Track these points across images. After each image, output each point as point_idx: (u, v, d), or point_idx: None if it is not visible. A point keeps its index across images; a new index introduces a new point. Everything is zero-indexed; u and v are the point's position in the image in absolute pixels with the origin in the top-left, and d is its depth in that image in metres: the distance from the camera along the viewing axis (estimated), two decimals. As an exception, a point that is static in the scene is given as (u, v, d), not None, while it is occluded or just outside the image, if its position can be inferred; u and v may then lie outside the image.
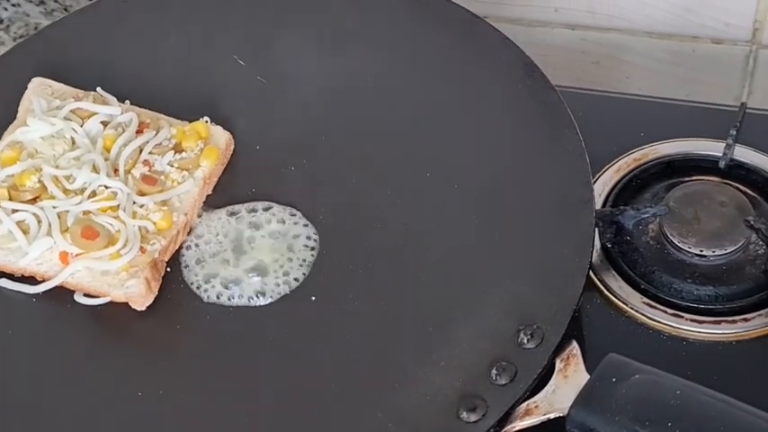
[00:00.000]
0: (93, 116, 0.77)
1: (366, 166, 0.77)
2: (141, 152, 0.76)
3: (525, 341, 0.67)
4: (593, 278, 0.78)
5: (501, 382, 0.65)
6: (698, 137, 0.86)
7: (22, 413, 0.68)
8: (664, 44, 1.02)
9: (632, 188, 0.84)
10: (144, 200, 0.74)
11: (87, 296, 0.72)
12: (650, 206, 0.81)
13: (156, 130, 0.77)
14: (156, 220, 0.73)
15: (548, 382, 0.66)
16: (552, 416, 0.64)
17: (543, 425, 0.65)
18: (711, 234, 0.79)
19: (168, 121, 0.78)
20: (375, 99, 0.81)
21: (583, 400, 0.64)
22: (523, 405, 0.65)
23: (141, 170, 0.75)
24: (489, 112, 0.79)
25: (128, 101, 0.80)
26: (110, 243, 0.71)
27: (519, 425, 0.65)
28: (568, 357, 0.66)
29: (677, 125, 0.87)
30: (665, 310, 0.77)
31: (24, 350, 0.71)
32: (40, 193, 0.74)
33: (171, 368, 0.70)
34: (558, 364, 0.66)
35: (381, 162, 0.77)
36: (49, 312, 0.72)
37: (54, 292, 0.72)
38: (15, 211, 0.73)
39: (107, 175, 0.74)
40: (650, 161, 0.85)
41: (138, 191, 0.74)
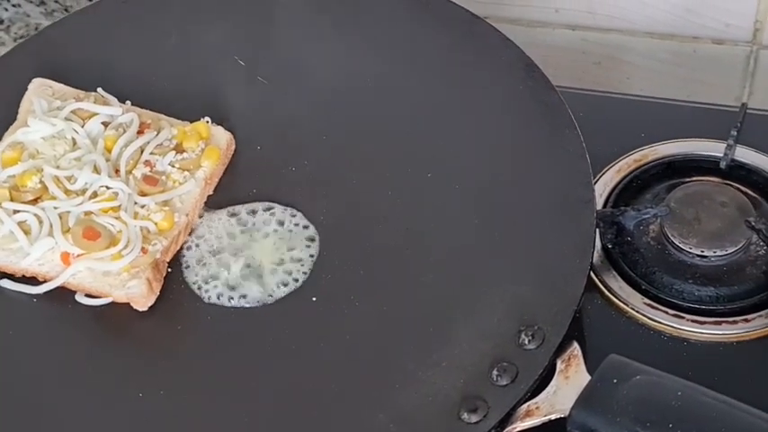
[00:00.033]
0: (94, 117, 0.77)
1: (367, 166, 0.77)
2: (142, 153, 0.76)
3: (526, 342, 0.67)
4: (593, 279, 0.78)
5: (502, 382, 0.65)
6: (699, 137, 0.86)
7: (22, 413, 0.68)
8: (665, 45, 1.02)
9: (633, 189, 0.84)
10: (145, 200, 0.74)
11: (89, 296, 0.72)
12: (651, 207, 0.80)
13: (157, 130, 0.77)
14: (158, 220, 0.73)
15: (549, 382, 0.66)
16: (553, 417, 0.64)
17: (544, 426, 0.65)
18: (712, 235, 0.79)
19: (169, 122, 0.78)
20: (376, 99, 0.81)
21: (584, 400, 0.64)
22: (524, 406, 0.65)
23: (142, 170, 0.75)
24: (490, 112, 0.79)
25: (128, 101, 0.80)
26: (111, 244, 0.71)
27: (520, 426, 0.65)
28: (569, 358, 0.66)
29: (678, 126, 0.87)
30: (665, 311, 0.77)
31: (25, 350, 0.71)
32: (42, 193, 0.74)
33: (171, 368, 0.70)
34: (559, 365, 0.66)
35: (382, 162, 0.77)
36: (49, 313, 0.72)
37: (54, 293, 0.72)
38: (17, 211, 0.73)
39: (108, 176, 0.74)
40: (651, 162, 0.85)
41: (140, 191, 0.74)
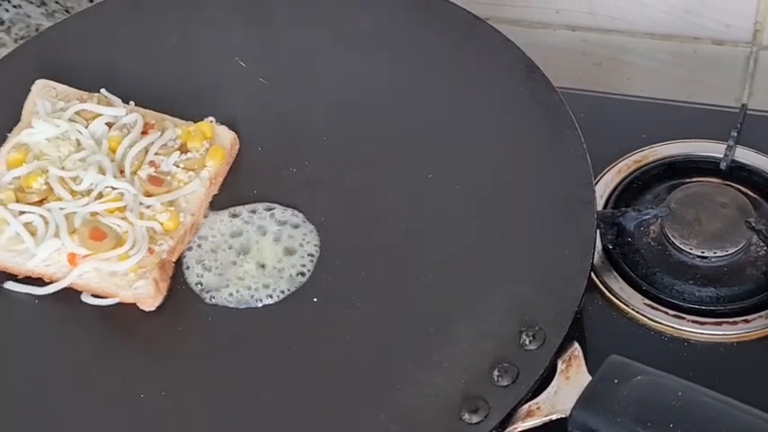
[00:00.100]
0: (98, 117, 0.77)
1: (367, 167, 0.78)
2: (147, 153, 0.76)
3: (527, 342, 0.67)
4: (594, 279, 0.78)
5: (503, 383, 0.65)
6: (699, 138, 0.86)
7: (24, 413, 0.68)
8: (665, 45, 1.02)
9: (633, 189, 0.84)
10: (151, 201, 0.74)
11: (95, 297, 0.72)
12: (651, 207, 0.81)
13: (162, 130, 0.77)
14: (164, 220, 0.73)
15: (550, 383, 0.66)
16: (554, 417, 0.65)
17: (545, 426, 0.65)
18: (713, 235, 0.79)
19: (173, 122, 0.78)
20: (377, 100, 0.81)
21: (585, 401, 0.64)
22: (525, 406, 0.65)
23: (147, 171, 0.75)
24: (491, 113, 0.79)
25: (132, 102, 0.80)
26: (117, 244, 0.71)
27: (521, 426, 0.65)
28: (570, 359, 0.66)
29: (678, 126, 0.87)
30: (666, 312, 0.77)
31: (27, 351, 0.71)
32: (47, 194, 0.74)
33: (173, 369, 0.70)
34: (560, 366, 0.66)
35: (383, 163, 0.78)
36: (50, 314, 0.72)
37: (56, 294, 0.72)
38: (22, 212, 0.73)
39: (113, 177, 0.74)
40: (651, 162, 0.85)
41: (145, 192, 0.74)
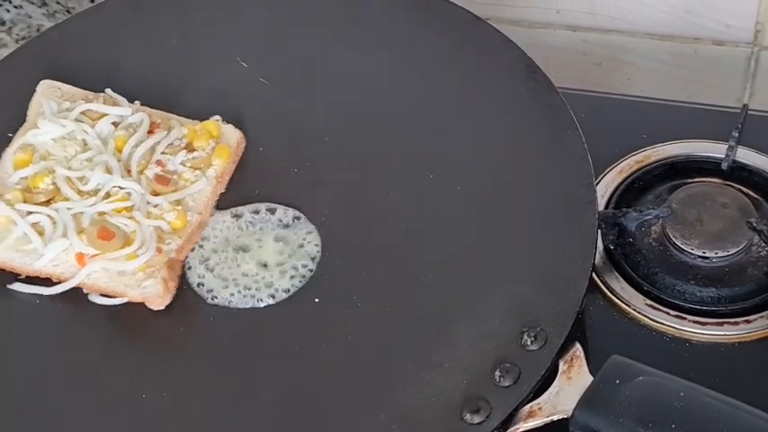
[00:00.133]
0: (104, 117, 0.78)
1: (368, 167, 0.78)
2: (153, 152, 0.76)
3: (529, 343, 0.67)
4: (595, 280, 0.78)
5: (504, 383, 0.65)
6: (700, 138, 0.86)
7: (26, 412, 0.68)
8: (665, 46, 1.02)
9: (635, 190, 0.84)
10: (158, 200, 0.74)
11: (103, 296, 0.72)
12: (653, 208, 0.81)
13: (167, 129, 0.78)
14: (171, 219, 0.73)
15: (551, 383, 0.66)
16: (556, 417, 0.65)
17: (547, 426, 0.65)
18: (714, 236, 0.79)
19: (179, 121, 0.79)
20: (378, 100, 0.81)
21: (586, 401, 0.64)
22: (527, 407, 0.65)
23: (154, 170, 0.75)
24: (491, 113, 0.79)
25: (137, 101, 0.80)
26: (125, 244, 0.71)
27: (523, 426, 0.65)
28: (572, 359, 0.66)
29: (679, 127, 0.87)
30: (667, 312, 0.77)
31: (30, 350, 0.71)
32: (54, 195, 0.74)
33: (174, 369, 0.70)
34: (562, 366, 0.66)
35: (384, 163, 0.78)
36: (52, 314, 0.72)
37: (60, 294, 0.72)
38: (30, 213, 0.73)
39: (120, 176, 0.74)
40: (653, 163, 0.85)
41: (152, 191, 0.74)
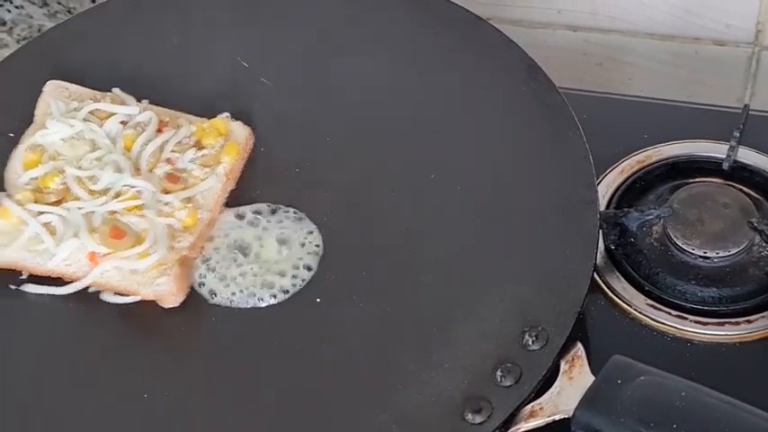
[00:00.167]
0: (112, 116, 0.78)
1: (369, 167, 0.78)
2: (162, 151, 0.76)
3: (530, 343, 0.67)
4: (597, 280, 0.78)
5: (506, 383, 0.65)
6: (701, 139, 0.86)
7: (26, 412, 0.68)
8: (666, 46, 1.02)
9: (636, 190, 0.84)
10: (168, 198, 0.74)
11: (117, 295, 0.72)
12: (654, 208, 0.81)
13: (176, 128, 0.78)
14: (182, 217, 0.73)
15: (553, 383, 0.66)
16: (557, 417, 0.65)
17: (548, 426, 0.65)
18: (715, 236, 0.79)
19: (187, 119, 0.79)
20: (378, 101, 0.81)
21: (588, 401, 0.64)
22: (528, 406, 0.65)
23: (164, 168, 0.76)
24: (492, 113, 0.79)
25: (145, 100, 0.80)
26: (137, 242, 0.71)
27: (524, 426, 0.65)
28: (573, 359, 0.66)
29: (680, 127, 0.87)
30: (668, 312, 0.77)
31: (29, 351, 0.71)
32: (64, 194, 0.74)
33: (176, 369, 0.70)
34: (563, 366, 0.66)
35: (385, 163, 0.78)
36: (51, 314, 0.72)
37: (59, 295, 0.72)
38: (40, 213, 0.73)
39: (130, 175, 0.74)
40: (654, 163, 0.85)
41: (162, 189, 0.74)
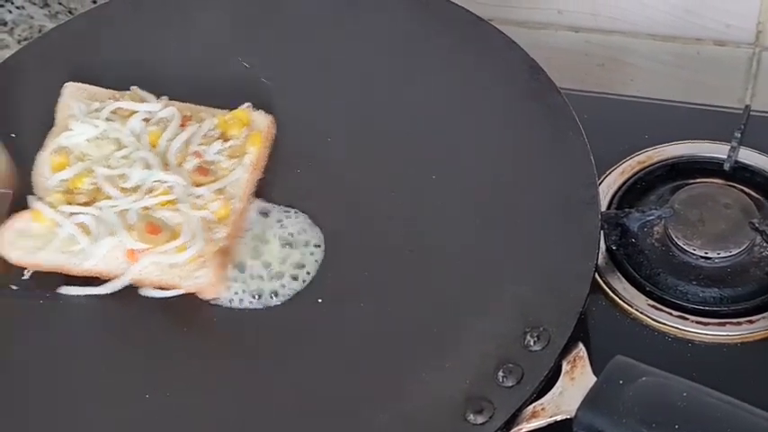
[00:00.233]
0: (135, 114, 0.78)
1: (371, 167, 0.78)
2: (189, 145, 0.76)
3: (531, 343, 0.67)
4: (598, 280, 0.78)
5: (508, 384, 0.65)
6: (702, 139, 0.86)
7: (27, 412, 0.69)
8: (667, 46, 1.02)
9: (637, 190, 0.84)
10: (200, 190, 0.74)
11: (157, 289, 0.72)
12: (655, 208, 0.81)
13: (198, 121, 0.78)
14: (215, 209, 0.74)
15: (554, 384, 0.66)
16: (559, 418, 0.65)
17: (550, 427, 0.65)
18: (716, 236, 0.79)
19: (208, 112, 0.79)
20: (380, 101, 0.81)
21: (590, 402, 0.64)
22: (530, 407, 0.65)
23: (193, 162, 0.75)
24: (494, 114, 0.79)
25: (164, 97, 0.80)
26: (173, 236, 0.72)
27: (526, 427, 0.65)
28: (575, 359, 0.66)
29: (681, 127, 0.87)
30: (670, 312, 0.77)
31: (31, 349, 0.71)
32: (95, 194, 0.74)
33: (177, 369, 0.70)
34: (565, 367, 0.66)
35: (386, 164, 0.78)
36: (52, 313, 0.72)
37: (60, 293, 0.72)
38: (73, 214, 0.73)
39: (161, 171, 0.74)
40: (655, 163, 0.85)
41: (193, 182, 0.75)
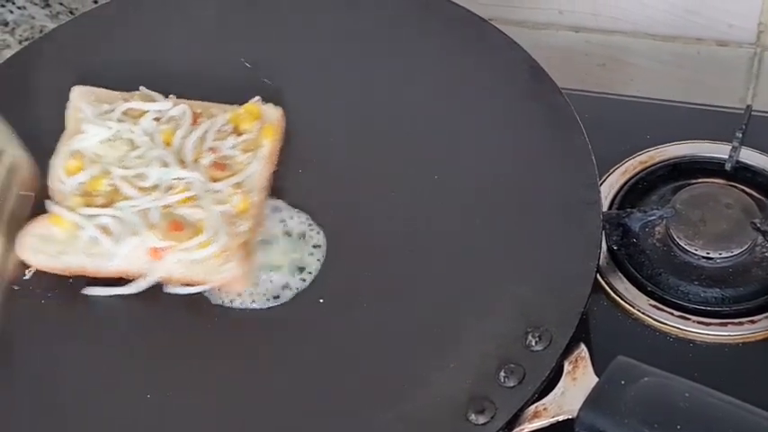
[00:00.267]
0: (146, 114, 0.78)
1: (372, 168, 0.78)
2: (203, 141, 0.76)
3: (533, 343, 0.67)
4: (599, 280, 0.78)
5: (509, 384, 0.65)
6: (703, 139, 0.86)
7: (27, 412, 0.68)
8: (668, 46, 1.02)
9: (638, 190, 0.84)
10: (219, 186, 0.74)
11: (184, 286, 0.72)
12: (657, 208, 0.81)
13: (208, 118, 0.78)
14: (236, 203, 0.74)
15: (556, 384, 0.66)
16: (561, 418, 0.65)
17: (552, 427, 0.65)
18: (718, 236, 0.79)
19: (219, 108, 0.79)
20: (381, 102, 0.81)
21: (592, 402, 0.64)
22: (532, 407, 0.65)
23: (209, 158, 0.76)
24: (495, 114, 0.79)
25: (172, 95, 0.79)
26: (196, 233, 0.72)
27: (528, 427, 0.65)
28: (576, 360, 0.66)
29: (683, 127, 0.88)
30: (671, 313, 0.77)
31: (26, 350, 0.71)
32: (112, 196, 0.74)
33: (178, 369, 0.70)
34: (567, 367, 0.66)
35: (388, 164, 0.77)
36: (54, 313, 0.72)
37: (60, 293, 0.72)
38: (94, 216, 0.73)
39: (178, 168, 0.74)
40: (656, 163, 0.85)
41: (211, 178, 0.75)
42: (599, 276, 0.78)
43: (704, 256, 0.79)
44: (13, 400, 0.69)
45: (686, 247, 0.79)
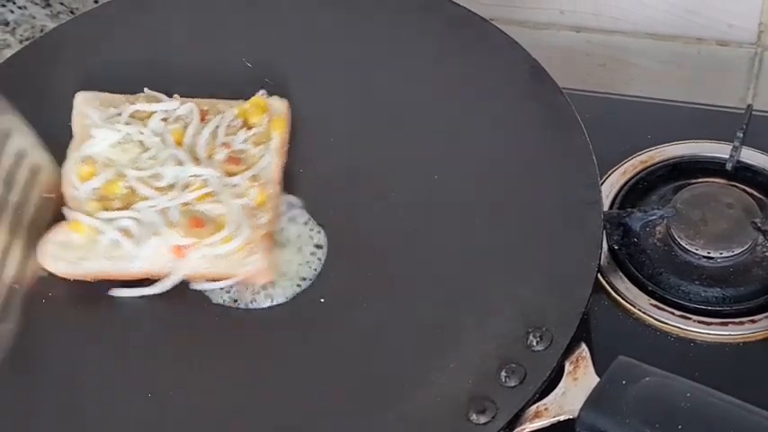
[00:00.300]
0: (153, 115, 0.78)
1: (373, 168, 0.78)
2: (215, 137, 0.76)
3: (534, 343, 0.67)
4: (600, 280, 0.78)
5: (510, 384, 0.65)
6: (704, 139, 0.86)
7: (26, 413, 0.68)
8: (669, 46, 1.02)
9: (639, 190, 0.84)
10: (235, 180, 0.74)
11: (210, 281, 0.72)
12: (657, 208, 0.81)
13: (216, 114, 0.78)
14: (254, 196, 0.74)
15: (557, 384, 0.66)
16: (562, 418, 0.65)
17: (553, 427, 0.65)
18: (718, 236, 0.79)
19: (225, 104, 0.79)
20: (382, 102, 0.81)
21: (593, 402, 0.64)
22: (533, 407, 0.65)
23: (223, 153, 0.76)
24: (496, 114, 0.79)
25: (175, 95, 0.79)
26: (217, 228, 0.72)
27: (529, 427, 0.65)
28: (578, 360, 0.66)
29: (683, 127, 0.88)
30: (672, 312, 0.77)
31: (26, 350, 0.71)
32: (129, 198, 0.74)
33: (178, 369, 0.70)
34: (568, 367, 0.66)
35: (389, 164, 0.77)
36: (54, 314, 0.72)
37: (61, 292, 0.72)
38: (113, 219, 0.73)
39: (193, 165, 0.75)
40: (657, 163, 0.85)
41: (226, 173, 0.75)
42: (600, 276, 0.78)
43: (705, 256, 0.79)
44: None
45: (687, 246, 0.79)
